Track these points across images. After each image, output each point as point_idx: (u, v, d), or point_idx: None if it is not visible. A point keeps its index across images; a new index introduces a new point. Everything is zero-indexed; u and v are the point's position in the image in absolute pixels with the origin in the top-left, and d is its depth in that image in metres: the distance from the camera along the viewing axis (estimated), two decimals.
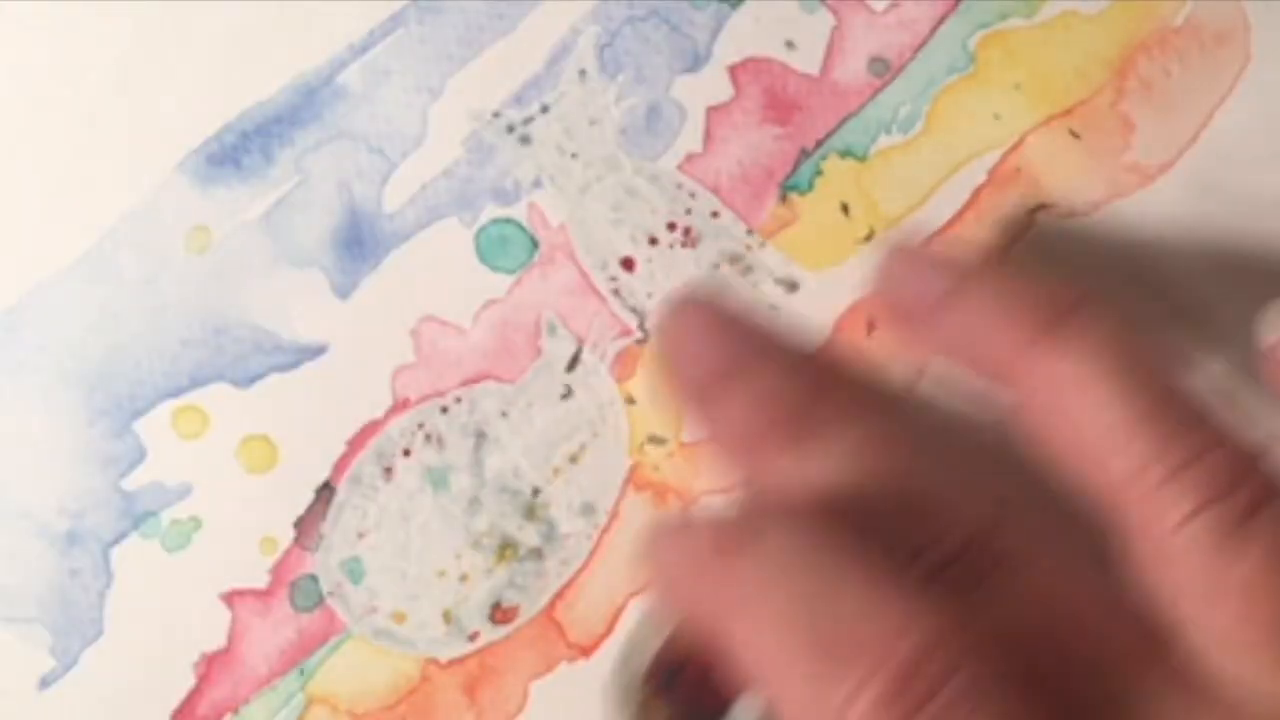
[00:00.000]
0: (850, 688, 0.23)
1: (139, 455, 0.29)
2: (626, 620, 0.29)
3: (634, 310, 0.30)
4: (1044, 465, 0.25)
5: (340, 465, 0.29)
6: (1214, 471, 0.24)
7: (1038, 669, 0.24)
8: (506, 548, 0.30)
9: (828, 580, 0.24)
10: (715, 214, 0.30)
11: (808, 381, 0.27)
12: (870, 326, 0.30)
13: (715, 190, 0.30)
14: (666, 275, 0.30)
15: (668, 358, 0.27)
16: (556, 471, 0.30)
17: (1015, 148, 0.31)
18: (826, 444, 0.26)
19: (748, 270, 0.30)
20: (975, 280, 0.26)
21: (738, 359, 0.27)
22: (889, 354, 0.30)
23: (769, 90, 0.30)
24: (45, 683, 0.29)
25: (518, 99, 0.30)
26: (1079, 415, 0.25)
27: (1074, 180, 0.31)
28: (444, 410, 0.30)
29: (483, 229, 0.30)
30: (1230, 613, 0.24)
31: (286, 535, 0.29)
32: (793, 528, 0.25)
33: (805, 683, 0.23)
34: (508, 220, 0.30)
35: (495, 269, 0.30)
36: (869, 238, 0.30)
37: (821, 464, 0.26)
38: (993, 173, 0.31)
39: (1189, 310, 0.31)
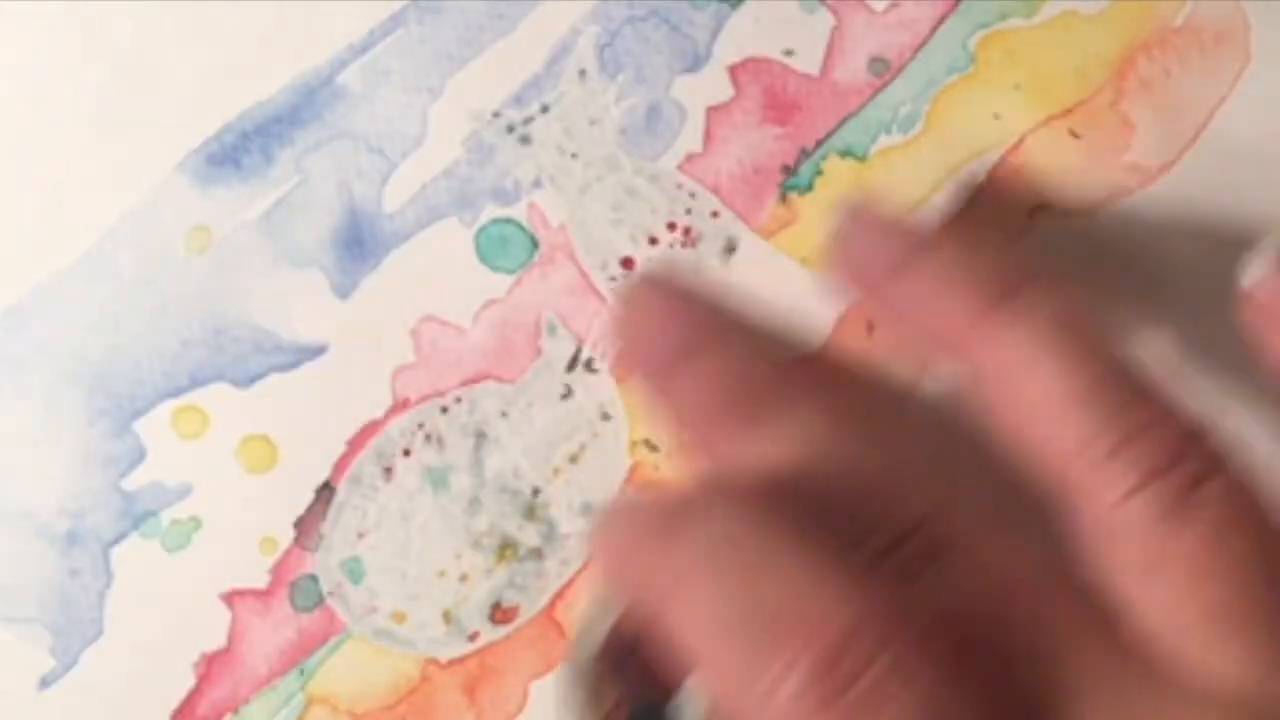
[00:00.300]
0: (778, 668, 0.22)
1: (139, 455, 0.29)
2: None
3: None
4: (998, 447, 0.25)
5: (340, 465, 0.29)
6: (1158, 446, 0.24)
7: (977, 652, 0.23)
8: (506, 548, 0.30)
9: (761, 561, 0.24)
10: (715, 214, 0.30)
11: (766, 362, 0.27)
12: (870, 327, 0.30)
13: (715, 190, 0.30)
14: None
15: (627, 335, 0.27)
16: (556, 471, 0.30)
17: (1015, 148, 0.31)
18: (781, 425, 0.26)
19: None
20: (929, 249, 0.26)
21: (697, 337, 0.27)
22: (889, 353, 0.30)
23: (769, 90, 0.30)
24: (45, 683, 0.29)
25: (518, 99, 0.30)
26: (1026, 388, 0.25)
27: (1074, 180, 0.31)
28: (444, 410, 0.30)
29: (483, 229, 0.30)
30: (1171, 588, 0.24)
31: (286, 535, 0.29)
32: (730, 509, 0.24)
33: (735, 663, 0.23)
34: (508, 220, 0.30)
35: (495, 269, 0.30)
36: None
37: (774, 446, 0.26)
38: (993, 173, 0.31)
39: (1188, 310, 0.31)
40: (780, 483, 0.25)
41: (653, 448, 0.30)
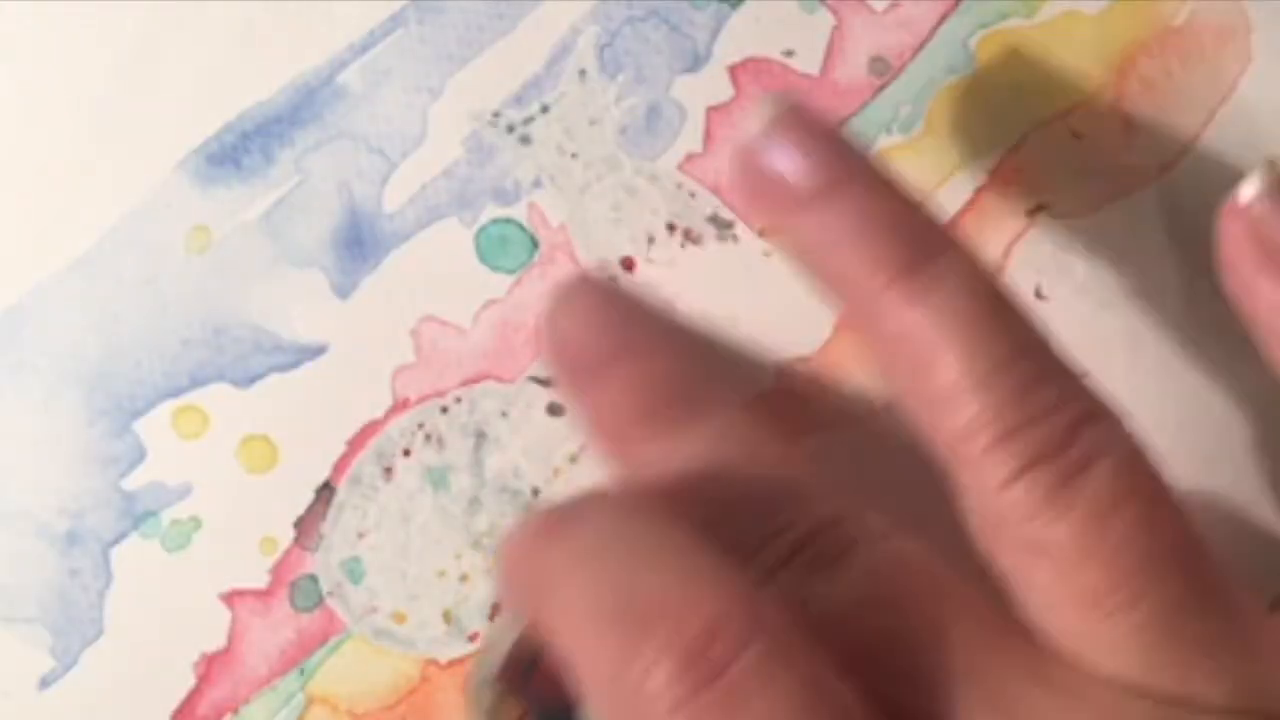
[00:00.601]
0: (648, 657, 0.22)
1: (139, 455, 0.29)
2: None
3: None
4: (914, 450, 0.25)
5: (340, 465, 0.30)
6: (1047, 432, 0.24)
7: (861, 657, 0.23)
8: None
9: (638, 556, 0.23)
10: (715, 214, 0.30)
11: (683, 370, 0.27)
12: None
13: (715, 190, 0.30)
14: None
15: (549, 342, 0.27)
16: (556, 472, 0.30)
17: (1016, 148, 0.31)
18: (693, 432, 0.26)
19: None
20: (850, 185, 0.25)
21: (616, 345, 0.27)
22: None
23: (769, 90, 0.30)
24: (45, 683, 0.29)
25: (518, 99, 0.30)
26: (922, 370, 0.24)
27: (1074, 180, 0.31)
28: (444, 410, 0.30)
29: (483, 229, 0.30)
30: (1049, 575, 0.23)
31: (286, 535, 0.29)
32: (614, 508, 0.24)
33: (605, 655, 0.23)
34: (508, 220, 0.30)
35: (495, 269, 0.30)
36: None
37: (683, 451, 0.26)
38: (993, 173, 0.31)
39: (1188, 309, 0.31)
40: (680, 486, 0.25)
41: None
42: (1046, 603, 0.24)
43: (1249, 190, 0.26)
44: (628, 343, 0.27)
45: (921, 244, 0.25)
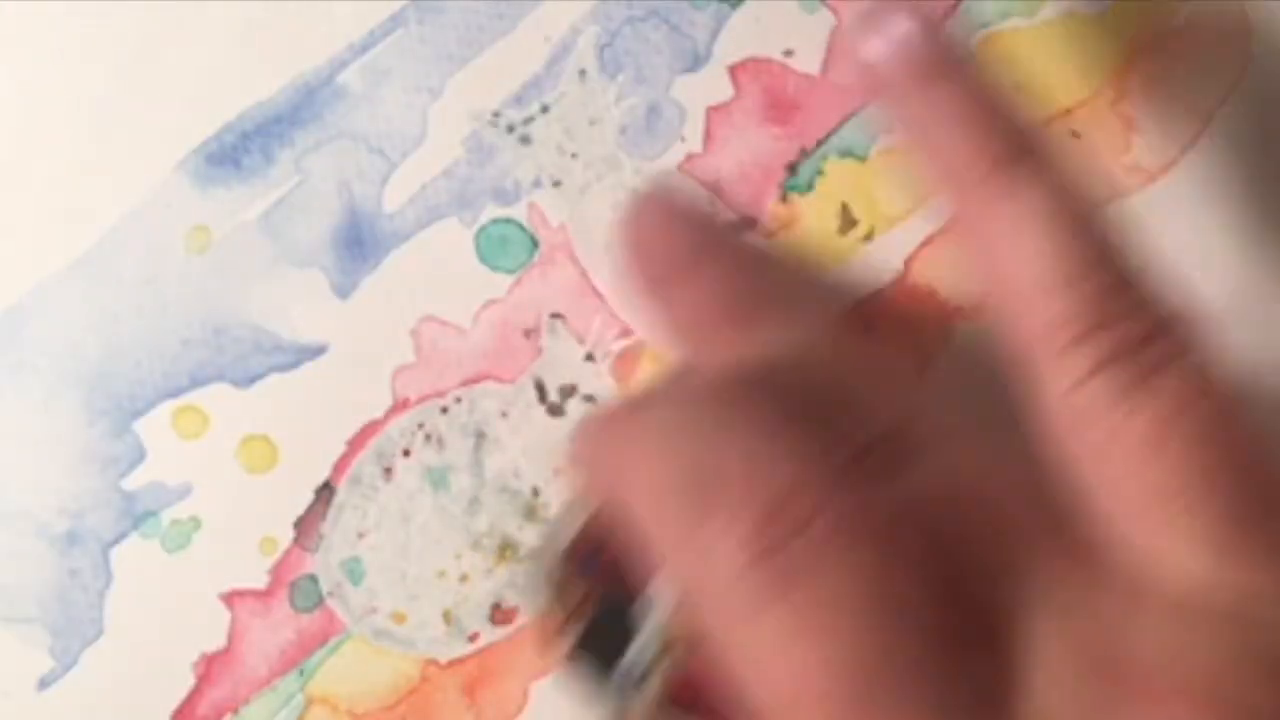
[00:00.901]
0: (718, 526, 0.22)
1: (139, 455, 0.29)
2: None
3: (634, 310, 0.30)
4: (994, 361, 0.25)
5: (340, 465, 0.29)
6: (1124, 333, 0.24)
7: (933, 550, 0.23)
8: (506, 548, 0.30)
9: (712, 432, 0.24)
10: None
11: (764, 274, 0.27)
12: (869, 326, 0.30)
13: (714, 189, 0.30)
14: None
15: (630, 249, 0.27)
16: (556, 472, 0.30)
17: None
18: (780, 332, 0.26)
19: None
20: (962, 70, 0.26)
21: (697, 251, 0.27)
22: (889, 353, 0.30)
23: (769, 90, 0.30)
24: (45, 683, 0.29)
25: (518, 99, 0.30)
26: (1011, 263, 0.24)
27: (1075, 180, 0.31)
28: (444, 410, 0.30)
29: (483, 229, 0.30)
30: (1122, 470, 0.23)
31: (286, 535, 0.29)
32: (687, 387, 0.25)
33: (678, 524, 0.23)
34: (508, 220, 0.30)
35: (495, 269, 0.30)
36: (869, 237, 0.30)
37: (762, 347, 0.26)
38: None
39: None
40: (761, 374, 0.25)
41: None
42: (1117, 501, 0.24)
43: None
44: (714, 245, 0.27)
45: (1021, 141, 0.25)
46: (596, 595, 0.26)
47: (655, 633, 0.25)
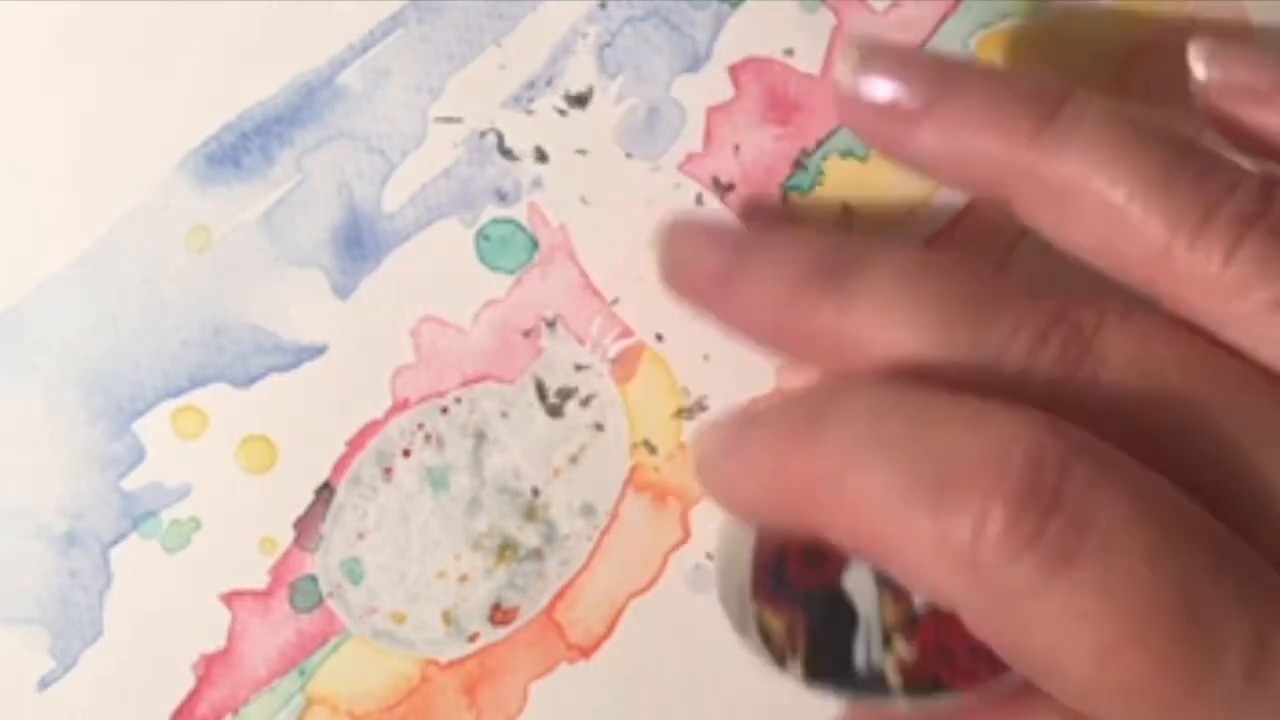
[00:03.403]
0: (974, 520, 0.22)
1: (138, 456, 0.29)
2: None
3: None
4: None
5: (340, 465, 0.29)
6: (1244, 203, 0.23)
7: (1163, 447, 0.23)
8: (506, 548, 0.30)
9: (913, 424, 0.23)
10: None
11: (821, 242, 0.26)
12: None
13: (713, 189, 0.30)
14: None
15: (676, 264, 0.27)
16: (556, 472, 0.30)
17: None
18: (863, 281, 0.25)
19: None
20: (954, 85, 0.26)
21: (746, 246, 0.26)
22: None
23: (769, 90, 0.30)
24: (45, 683, 0.29)
25: (517, 99, 0.30)
26: (1098, 207, 0.24)
27: None
28: (444, 411, 0.30)
29: (483, 229, 0.30)
30: None
31: (286, 536, 0.29)
32: (863, 386, 0.24)
33: (924, 528, 0.22)
34: (508, 220, 0.30)
35: (495, 269, 0.30)
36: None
37: (864, 301, 0.25)
38: None
39: None
40: (886, 331, 0.25)
41: (652, 449, 0.30)
42: None
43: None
44: (757, 239, 0.27)
45: (1044, 97, 0.25)
46: (801, 610, 0.26)
47: (874, 626, 0.25)
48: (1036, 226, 0.26)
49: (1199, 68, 0.27)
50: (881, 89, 0.26)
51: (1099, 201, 0.24)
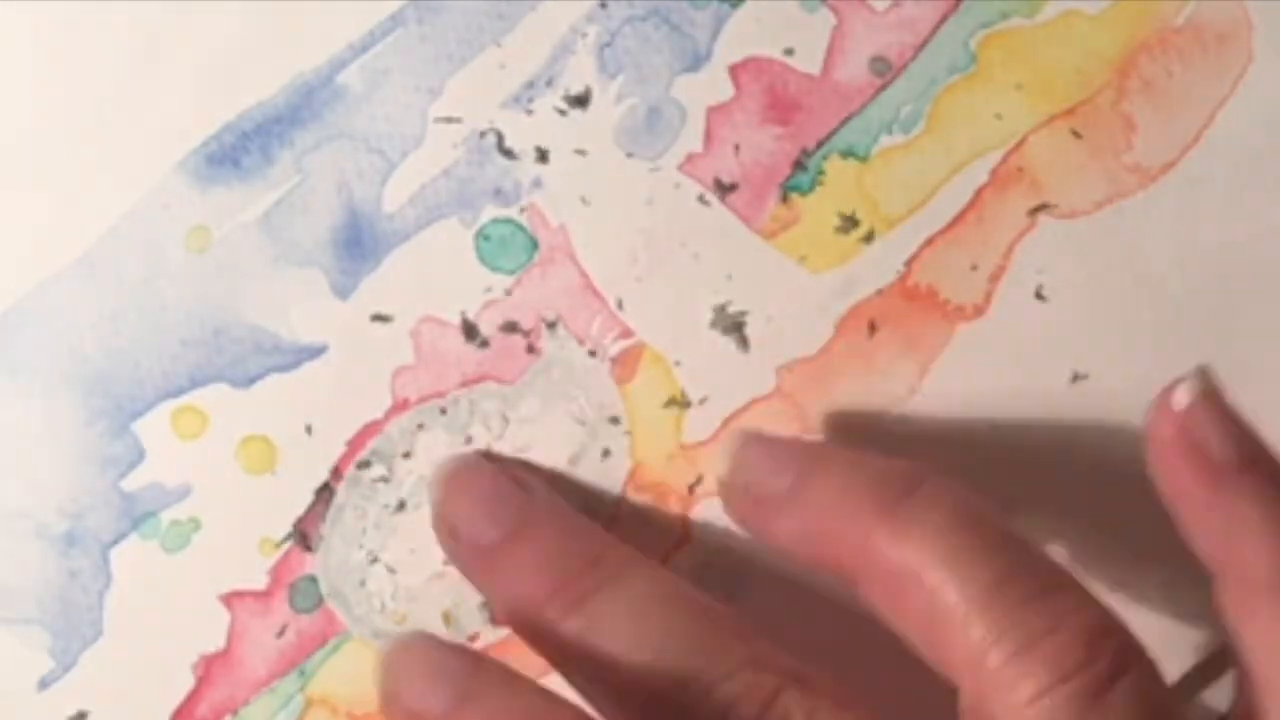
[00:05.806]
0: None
1: (138, 456, 0.29)
2: None
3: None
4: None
5: (340, 466, 0.29)
6: (1065, 646, 0.24)
7: None
8: None
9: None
10: (714, 215, 0.30)
11: (583, 541, 0.27)
12: (873, 328, 0.30)
13: (713, 188, 0.30)
14: None
15: (443, 529, 0.28)
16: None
17: (1017, 147, 0.31)
18: (609, 598, 0.26)
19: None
20: (816, 474, 0.27)
21: (510, 523, 0.27)
22: (893, 356, 0.30)
23: (770, 90, 0.30)
24: (44, 684, 0.29)
25: (517, 99, 0.30)
26: (920, 604, 0.25)
27: (1075, 180, 0.31)
28: (444, 411, 0.30)
29: (483, 229, 0.30)
30: None
31: (286, 536, 0.29)
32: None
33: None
34: (508, 220, 0.30)
35: (495, 269, 0.30)
36: (870, 238, 0.30)
37: (606, 622, 0.26)
38: (994, 172, 0.30)
39: (1188, 312, 0.31)
40: (618, 659, 0.26)
41: (652, 449, 0.30)
42: None
43: (1182, 396, 0.26)
44: (522, 518, 0.28)
45: (896, 484, 0.26)
46: None
47: None
48: (875, 610, 0.26)
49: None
50: (755, 478, 0.27)
51: (929, 597, 0.25)
